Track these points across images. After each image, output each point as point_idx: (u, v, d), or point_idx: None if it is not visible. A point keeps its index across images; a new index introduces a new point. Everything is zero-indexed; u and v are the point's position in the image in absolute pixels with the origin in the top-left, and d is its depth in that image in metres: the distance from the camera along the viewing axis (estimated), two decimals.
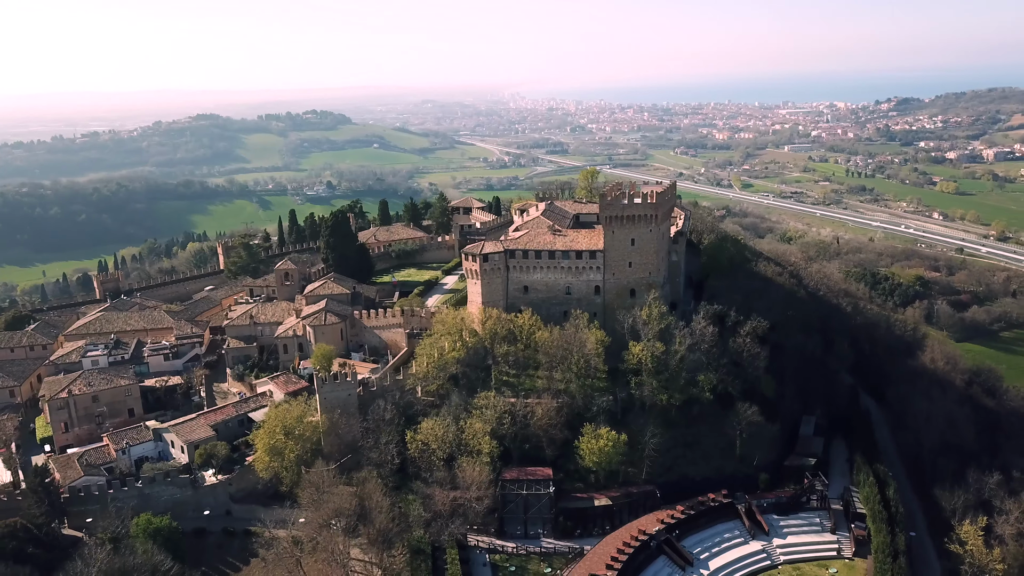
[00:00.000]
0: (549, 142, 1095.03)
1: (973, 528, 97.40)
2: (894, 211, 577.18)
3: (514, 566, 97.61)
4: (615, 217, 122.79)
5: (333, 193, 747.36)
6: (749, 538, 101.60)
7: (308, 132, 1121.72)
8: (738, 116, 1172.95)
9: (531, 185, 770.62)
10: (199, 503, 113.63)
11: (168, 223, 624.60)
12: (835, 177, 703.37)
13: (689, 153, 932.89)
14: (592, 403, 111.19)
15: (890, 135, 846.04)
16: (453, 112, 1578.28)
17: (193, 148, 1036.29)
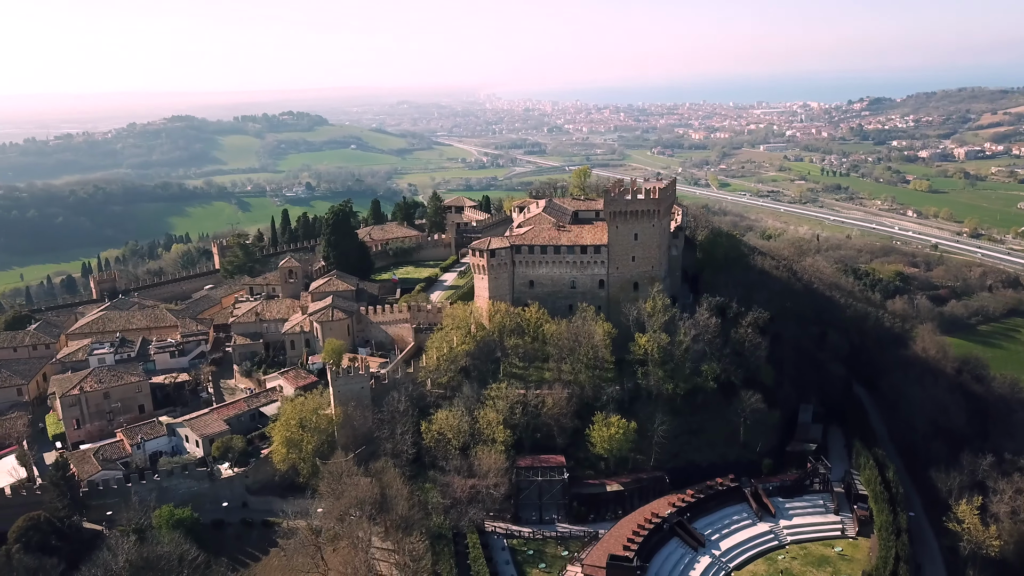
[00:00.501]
0: (527, 142, 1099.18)
1: (969, 507, 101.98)
2: (869, 209, 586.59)
3: (532, 550, 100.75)
4: (619, 212, 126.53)
5: (312, 194, 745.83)
6: (757, 520, 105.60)
7: (285, 133, 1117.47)
8: (713, 116, 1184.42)
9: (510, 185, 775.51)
10: (216, 495, 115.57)
11: (146, 225, 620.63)
12: (810, 176, 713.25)
13: (666, 153, 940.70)
14: (602, 393, 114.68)
15: (863, 134, 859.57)
16: (430, 113, 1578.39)
17: (169, 150, 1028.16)
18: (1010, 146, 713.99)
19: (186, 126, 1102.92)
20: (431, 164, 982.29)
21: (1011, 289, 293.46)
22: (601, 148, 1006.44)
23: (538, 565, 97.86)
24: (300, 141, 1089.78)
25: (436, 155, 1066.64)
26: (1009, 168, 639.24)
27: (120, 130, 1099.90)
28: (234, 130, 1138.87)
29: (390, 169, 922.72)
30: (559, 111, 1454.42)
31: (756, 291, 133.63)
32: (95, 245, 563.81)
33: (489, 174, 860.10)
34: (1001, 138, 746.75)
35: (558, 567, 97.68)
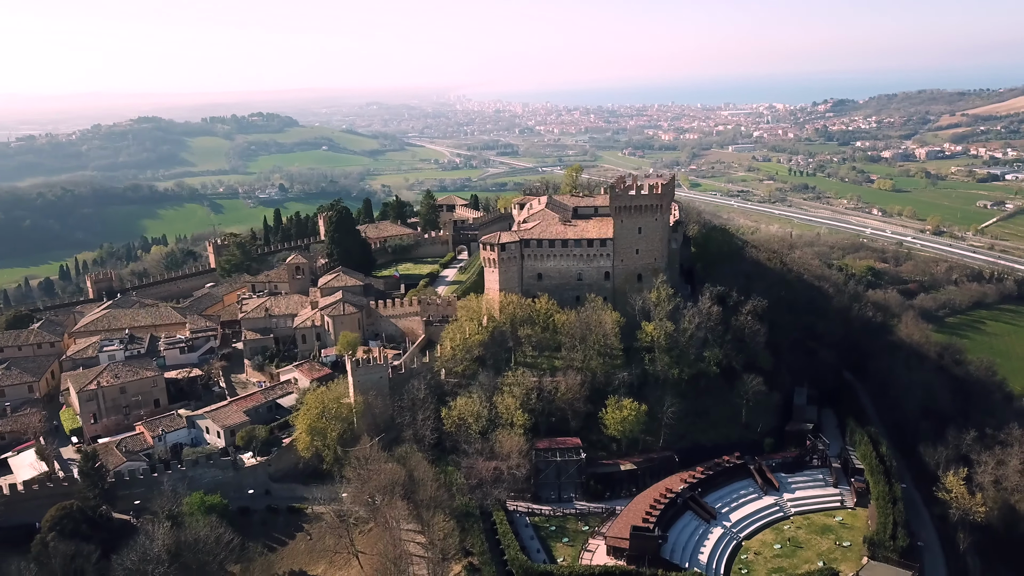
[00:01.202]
0: (499, 144, 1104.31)
1: (956, 478, 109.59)
2: (836, 208, 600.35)
3: (554, 526, 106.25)
4: (624, 207, 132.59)
5: (286, 196, 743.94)
6: (762, 494, 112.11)
7: (255, 135, 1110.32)
8: (682, 117, 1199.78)
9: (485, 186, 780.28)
10: (240, 483, 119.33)
11: (118, 228, 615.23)
12: (779, 176, 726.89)
13: (637, 154, 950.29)
14: (613, 378, 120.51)
15: (828, 135, 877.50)
16: (400, 114, 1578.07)
17: (136, 152, 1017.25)
18: (968, 146, 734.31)
19: (153, 127, 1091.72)
20: (404, 165, 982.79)
21: (975, 283, 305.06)
22: (573, 149, 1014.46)
23: (561, 539, 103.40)
24: (270, 143, 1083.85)
25: (409, 156, 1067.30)
26: (968, 168, 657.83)
27: (85, 131, 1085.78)
28: (202, 131, 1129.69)
29: (363, 170, 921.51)
30: (530, 112, 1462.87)
31: (753, 281, 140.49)
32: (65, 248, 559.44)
33: (463, 175, 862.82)
34: (959, 139, 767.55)
35: (580, 541, 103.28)
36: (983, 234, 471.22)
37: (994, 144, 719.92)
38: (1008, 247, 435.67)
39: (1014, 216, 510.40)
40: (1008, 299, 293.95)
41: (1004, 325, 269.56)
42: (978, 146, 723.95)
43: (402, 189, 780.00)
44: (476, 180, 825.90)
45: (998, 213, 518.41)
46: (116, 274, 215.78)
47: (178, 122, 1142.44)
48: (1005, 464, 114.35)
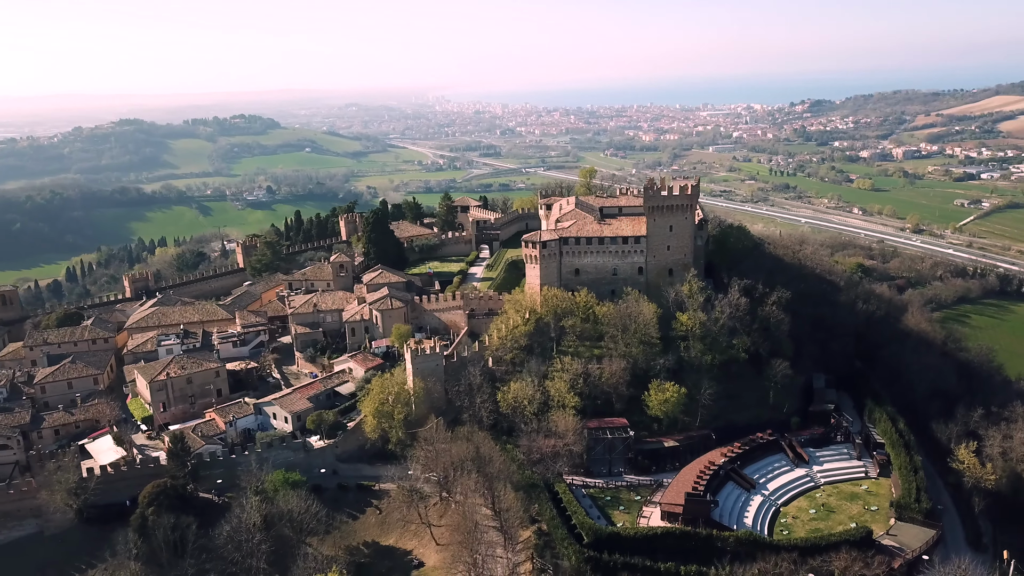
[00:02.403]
0: (481, 145, 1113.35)
1: (967, 451, 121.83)
2: (817, 207, 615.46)
3: (608, 496, 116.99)
4: (657, 207, 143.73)
5: (274, 198, 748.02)
6: (794, 466, 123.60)
7: (237, 137, 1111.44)
8: (661, 118, 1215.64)
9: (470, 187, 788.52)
10: (310, 464, 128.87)
11: (107, 231, 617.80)
12: (760, 176, 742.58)
13: (619, 155, 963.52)
14: (654, 364, 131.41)
15: (807, 135, 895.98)
16: (380, 115, 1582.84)
17: (118, 154, 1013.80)
18: (944, 146, 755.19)
19: (135, 130, 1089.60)
20: (388, 166, 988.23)
21: (960, 279, 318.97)
22: (555, 150, 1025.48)
23: (617, 508, 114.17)
24: (253, 145, 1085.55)
25: (392, 157, 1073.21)
26: (944, 167, 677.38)
27: (66, 134, 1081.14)
28: (184, 134, 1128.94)
29: (347, 172, 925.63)
30: (510, 113, 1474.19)
31: (773, 275, 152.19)
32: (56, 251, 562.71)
33: (447, 176, 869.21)
34: (935, 138, 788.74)
35: (635, 509, 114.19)
36: (961, 232, 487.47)
37: (969, 144, 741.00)
38: (986, 244, 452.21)
39: (990, 214, 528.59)
40: (991, 294, 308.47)
41: (988, 319, 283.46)
42: (953, 146, 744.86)
43: (388, 191, 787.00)
44: (461, 181, 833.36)
45: (975, 211, 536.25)
46: (152, 274, 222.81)
47: (160, 124, 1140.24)
48: (1011, 438, 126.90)
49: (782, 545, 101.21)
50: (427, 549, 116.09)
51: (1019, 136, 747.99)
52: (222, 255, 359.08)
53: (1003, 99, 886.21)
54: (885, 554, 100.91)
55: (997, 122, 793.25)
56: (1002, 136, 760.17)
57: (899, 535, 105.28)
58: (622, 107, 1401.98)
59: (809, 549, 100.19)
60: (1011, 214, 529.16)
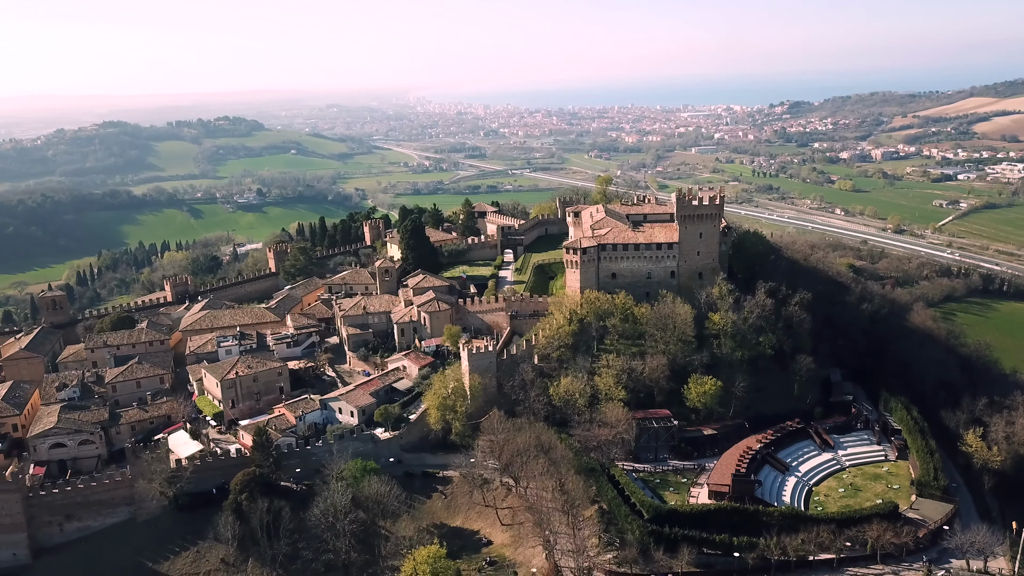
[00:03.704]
0: (465, 146, 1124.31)
1: (975, 436, 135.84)
2: (801, 208, 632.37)
3: (658, 479, 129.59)
4: (688, 215, 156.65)
5: (264, 200, 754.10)
6: (821, 451, 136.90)
7: (222, 139, 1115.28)
8: (643, 119, 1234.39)
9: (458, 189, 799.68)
10: (377, 454, 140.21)
11: (99, 234, 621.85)
12: (743, 177, 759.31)
13: (603, 156, 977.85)
14: (691, 360, 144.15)
15: (787, 137, 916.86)
16: (362, 117, 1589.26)
17: (103, 156, 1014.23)
18: (921, 147, 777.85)
19: (119, 132, 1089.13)
20: (374, 168, 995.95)
21: (945, 278, 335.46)
22: (540, 152, 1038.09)
23: (667, 489, 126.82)
24: (239, 146, 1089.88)
25: (377, 159, 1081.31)
26: (922, 168, 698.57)
27: (50, 136, 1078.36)
28: (169, 136, 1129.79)
29: (334, 174, 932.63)
30: (492, 115, 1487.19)
31: (794, 278, 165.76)
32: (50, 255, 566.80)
33: (434, 178, 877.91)
34: (912, 139, 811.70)
35: (683, 489, 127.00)
36: (941, 232, 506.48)
37: (945, 145, 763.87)
38: (965, 244, 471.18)
39: (968, 215, 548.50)
40: (974, 292, 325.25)
41: (973, 317, 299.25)
42: (930, 147, 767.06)
43: (376, 193, 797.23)
44: (448, 183, 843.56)
45: (953, 212, 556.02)
46: (191, 279, 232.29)
47: (144, 126, 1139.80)
48: (1013, 423, 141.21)
49: (821, 518, 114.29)
50: (493, 529, 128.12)
51: (993, 137, 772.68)
52: (233, 259, 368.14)
53: (977, 101, 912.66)
54: (911, 525, 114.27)
55: (972, 123, 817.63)
56: (977, 137, 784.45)
57: (921, 509, 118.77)
58: (603, 108, 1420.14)
59: (845, 521, 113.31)
60: (988, 214, 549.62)
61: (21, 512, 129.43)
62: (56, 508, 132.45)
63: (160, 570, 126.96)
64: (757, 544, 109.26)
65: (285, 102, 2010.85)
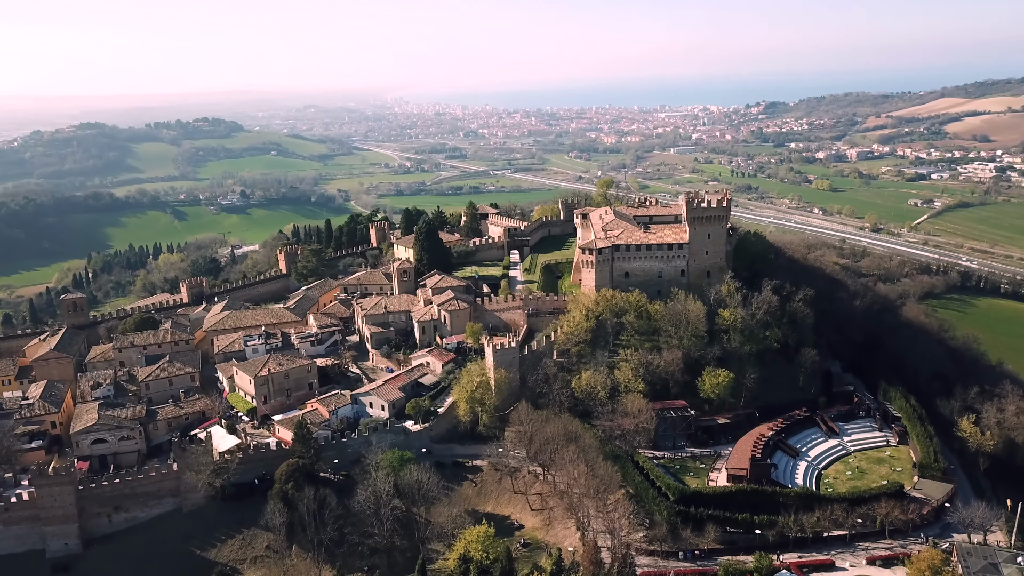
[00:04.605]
0: (445, 147, 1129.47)
1: (968, 422, 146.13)
2: (780, 207, 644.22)
3: (678, 465, 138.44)
4: (697, 217, 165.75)
5: (248, 202, 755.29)
6: (827, 438, 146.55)
7: (201, 140, 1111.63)
8: (621, 120, 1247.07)
9: (440, 190, 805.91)
10: (408, 445, 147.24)
11: (82, 237, 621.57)
12: (722, 177, 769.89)
13: (583, 157, 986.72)
14: (704, 354, 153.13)
15: (763, 137, 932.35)
16: (340, 117, 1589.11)
17: (81, 159, 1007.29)
18: (895, 147, 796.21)
19: (97, 133, 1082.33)
20: (355, 169, 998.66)
21: (925, 275, 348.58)
22: (520, 153, 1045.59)
23: (687, 474, 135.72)
24: (219, 148, 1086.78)
25: (358, 160, 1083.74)
26: (897, 168, 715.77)
27: (26, 138, 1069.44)
28: (147, 137, 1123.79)
29: (315, 175, 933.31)
30: (470, 115, 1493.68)
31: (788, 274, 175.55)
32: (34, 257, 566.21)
33: (416, 179, 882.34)
34: (886, 140, 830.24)
35: (702, 474, 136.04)
36: (917, 231, 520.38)
37: (918, 145, 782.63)
38: (941, 242, 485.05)
39: (942, 213, 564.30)
40: (953, 289, 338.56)
41: (953, 312, 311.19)
42: (904, 147, 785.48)
43: (359, 194, 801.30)
44: (431, 184, 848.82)
45: (928, 211, 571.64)
46: (207, 282, 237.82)
47: (122, 128, 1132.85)
48: (1003, 410, 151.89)
49: (834, 498, 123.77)
50: (524, 514, 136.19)
51: (964, 137, 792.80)
52: (231, 261, 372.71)
53: (948, 101, 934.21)
54: (916, 503, 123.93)
55: (944, 123, 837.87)
56: (949, 137, 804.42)
57: (924, 489, 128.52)
58: (581, 109, 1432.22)
59: (855, 500, 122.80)
60: (961, 213, 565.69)
61: (73, 504, 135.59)
62: (105, 500, 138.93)
63: (208, 557, 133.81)
64: (776, 522, 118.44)
65: (261, 103, 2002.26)
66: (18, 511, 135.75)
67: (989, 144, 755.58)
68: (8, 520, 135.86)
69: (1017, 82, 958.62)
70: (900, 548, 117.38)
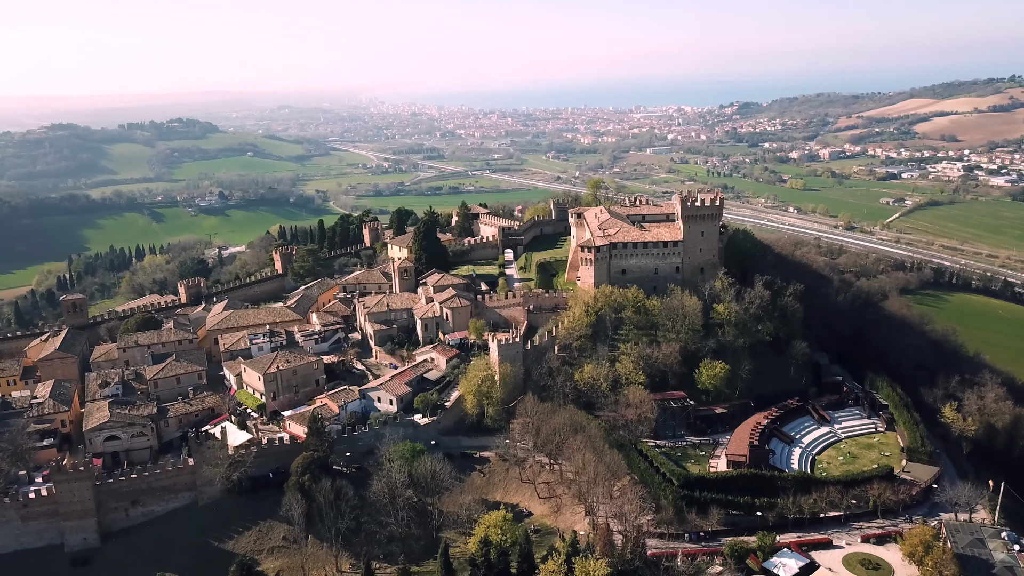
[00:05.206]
0: (423, 147, 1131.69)
1: (951, 409, 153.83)
2: (755, 207, 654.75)
3: (679, 453, 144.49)
4: (692, 216, 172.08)
5: (227, 203, 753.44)
6: (819, 425, 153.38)
7: (176, 141, 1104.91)
8: (596, 120, 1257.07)
9: (419, 190, 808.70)
10: (416, 437, 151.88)
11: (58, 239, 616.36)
12: (698, 177, 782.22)
13: (560, 157, 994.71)
14: (700, 347, 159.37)
15: (738, 137, 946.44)
16: (315, 118, 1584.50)
17: (54, 160, 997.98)
18: (866, 147, 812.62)
19: (70, 135, 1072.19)
20: (332, 170, 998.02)
21: (900, 272, 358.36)
22: (498, 153, 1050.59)
23: (688, 461, 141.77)
24: (194, 149, 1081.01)
25: (335, 161, 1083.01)
26: (868, 167, 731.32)
27: None
28: (121, 138, 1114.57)
29: (293, 176, 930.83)
30: (447, 116, 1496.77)
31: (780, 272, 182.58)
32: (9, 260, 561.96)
33: (395, 179, 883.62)
34: (857, 139, 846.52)
35: (702, 461, 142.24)
36: (889, 229, 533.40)
37: (888, 145, 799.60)
38: (912, 240, 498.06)
39: (913, 211, 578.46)
40: (927, 285, 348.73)
41: (927, 308, 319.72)
42: (875, 146, 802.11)
43: (338, 195, 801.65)
44: (410, 184, 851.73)
45: (899, 209, 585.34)
46: (204, 282, 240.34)
47: (95, 129, 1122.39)
48: (983, 398, 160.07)
49: (829, 480, 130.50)
50: (532, 502, 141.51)
51: (933, 137, 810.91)
52: (219, 262, 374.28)
53: (917, 102, 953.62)
54: (905, 485, 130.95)
55: (913, 124, 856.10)
56: (918, 137, 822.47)
57: (912, 472, 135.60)
58: (557, 109, 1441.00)
59: (849, 483, 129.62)
60: (931, 211, 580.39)
61: (91, 499, 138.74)
62: (122, 494, 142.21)
63: (225, 548, 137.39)
64: (776, 504, 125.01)
65: (234, 103, 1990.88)
66: (36, 507, 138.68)
67: (957, 144, 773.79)
68: (27, 516, 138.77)
69: (983, 83, 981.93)
70: (892, 527, 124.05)
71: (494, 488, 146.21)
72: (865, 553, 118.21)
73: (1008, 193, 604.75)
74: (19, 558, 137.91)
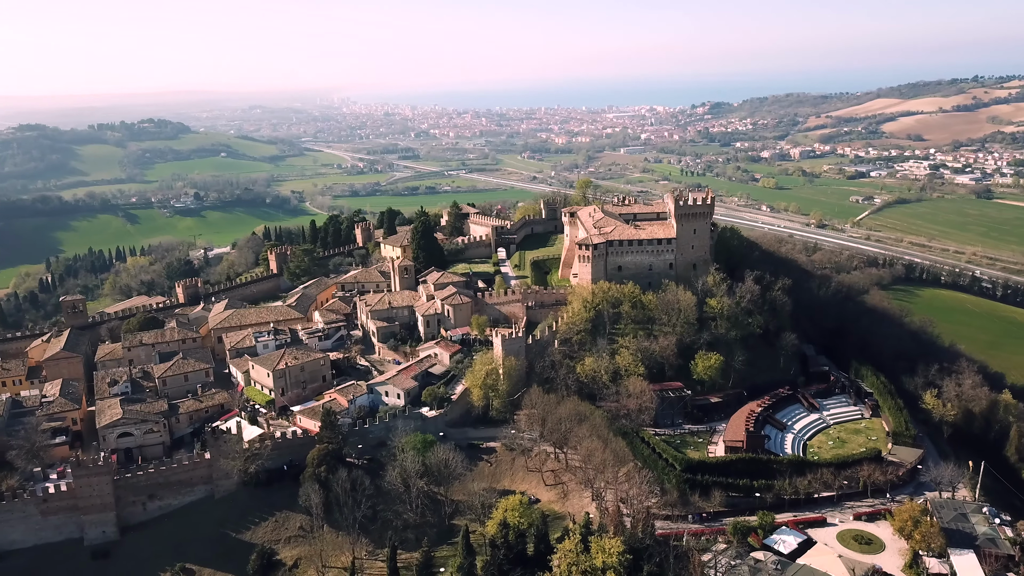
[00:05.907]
0: (397, 148, 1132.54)
1: (932, 396, 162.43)
2: (729, 205, 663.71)
3: (678, 440, 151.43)
4: (685, 214, 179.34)
5: (202, 204, 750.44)
6: (808, 412, 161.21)
7: (148, 142, 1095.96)
8: (570, 120, 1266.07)
9: (396, 191, 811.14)
10: (425, 429, 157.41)
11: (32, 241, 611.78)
12: (672, 176, 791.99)
13: (535, 157, 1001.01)
14: (695, 339, 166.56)
15: (710, 136, 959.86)
16: (287, 118, 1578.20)
17: (22, 161, 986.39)
18: (835, 146, 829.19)
19: (38, 135, 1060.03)
20: (307, 170, 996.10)
21: (873, 268, 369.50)
22: (473, 153, 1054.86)
23: (687, 447, 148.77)
24: (166, 150, 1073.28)
25: (310, 161, 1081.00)
26: (838, 166, 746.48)
27: None
28: (91, 139, 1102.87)
29: (267, 176, 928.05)
30: (420, 116, 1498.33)
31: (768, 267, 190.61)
32: None
33: (371, 180, 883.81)
34: (827, 139, 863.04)
35: (701, 447, 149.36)
36: (859, 226, 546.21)
37: (857, 144, 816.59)
38: (882, 237, 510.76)
39: (882, 209, 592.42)
40: (899, 280, 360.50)
41: (900, 302, 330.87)
42: (844, 146, 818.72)
43: (314, 195, 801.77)
44: (385, 184, 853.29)
45: (868, 207, 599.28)
46: (201, 282, 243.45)
47: (64, 129, 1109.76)
48: (961, 384, 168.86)
49: (821, 463, 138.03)
50: (538, 489, 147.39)
51: (900, 136, 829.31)
52: (205, 262, 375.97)
53: (884, 102, 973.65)
54: (892, 466, 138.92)
55: (880, 123, 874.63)
56: (885, 136, 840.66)
57: (898, 454, 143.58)
58: (531, 109, 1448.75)
59: (840, 465, 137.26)
60: (900, 209, 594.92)
61: (110, 493, 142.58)
62: (140, 489, 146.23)
63: (243, 539, 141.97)
64: (773, 486, 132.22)
65: (205, 103, 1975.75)
66: (56, 501, 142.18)
67: (923, 143, 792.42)
68: (46, 511, 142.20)
69: (947, 83, 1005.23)
70: (881, 505, 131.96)
71: (502, 476, 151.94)
72: (857, 529, 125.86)
73: (972, 191, 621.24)
74: (39, 552, 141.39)
